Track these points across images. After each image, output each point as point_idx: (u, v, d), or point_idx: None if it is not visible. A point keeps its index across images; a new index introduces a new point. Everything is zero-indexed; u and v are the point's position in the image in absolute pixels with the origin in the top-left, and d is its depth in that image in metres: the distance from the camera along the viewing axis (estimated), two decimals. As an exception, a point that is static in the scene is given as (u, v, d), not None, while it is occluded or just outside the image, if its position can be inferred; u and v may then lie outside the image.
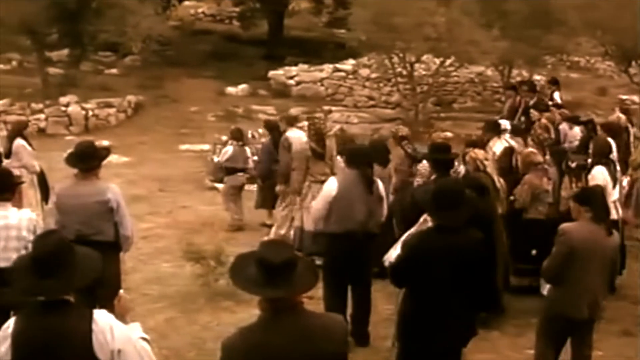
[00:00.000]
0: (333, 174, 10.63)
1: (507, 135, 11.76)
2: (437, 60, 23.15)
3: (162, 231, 12.99)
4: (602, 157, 10.52)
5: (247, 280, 4.13)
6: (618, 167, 10.86)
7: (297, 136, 12.17)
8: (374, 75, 25.07)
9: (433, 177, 9.26)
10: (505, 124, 12.61)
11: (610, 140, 11.64)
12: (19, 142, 12.48)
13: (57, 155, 17.40)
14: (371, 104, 24.81)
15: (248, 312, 9.10)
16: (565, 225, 6.95)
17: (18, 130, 12.98)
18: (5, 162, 12.23)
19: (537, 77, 23.35)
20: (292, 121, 12.81)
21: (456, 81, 25.24)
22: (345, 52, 25.70)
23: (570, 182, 9.88)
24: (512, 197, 10.01)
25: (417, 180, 10.55)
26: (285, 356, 4.02)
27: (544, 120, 13.67)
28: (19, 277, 4.29)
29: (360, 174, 8.44)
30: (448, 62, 22.83)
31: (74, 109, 22.76)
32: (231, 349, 4.10)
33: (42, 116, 22.40)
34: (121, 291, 4.63)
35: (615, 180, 10.51)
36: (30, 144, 12.73)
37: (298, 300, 4.12)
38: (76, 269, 4.23)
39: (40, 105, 22.56)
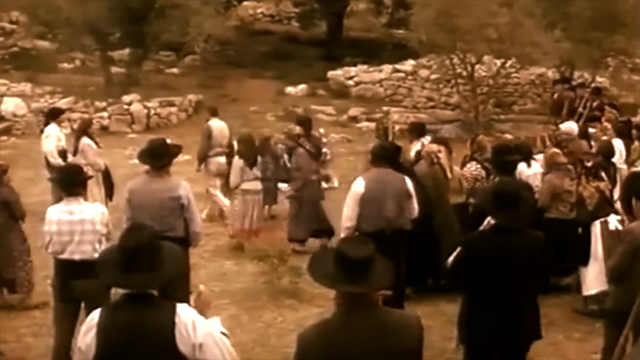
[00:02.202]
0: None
1: (427, 139, 11.78)
2: (498, 62, 22.98)
3: (223, 229, 13.10)
4: (604, 159, 10.53)
5: (326, 275, 4.18)
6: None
7: (218, 125, 13.38)
8: (433, 76, 24.97)
9: (496, 179, 9.32)
10: (572, 126, 12.57)
11: (618, 142, 11.79)
12: (85, 140, 12.75)
13: (119, 153, 17.76)
14: (430, 105, 24.71)
15: (310, 310, 9.27)
16: (629, 225, 6.99)
17: (83, 129, 13.25)
18: (72, 159, 12.54)
19: (599, 79, 23.12)
20: (215, 111, 14.27)
21: (516, 82, 24.98)
22: (405, 53, 25.57)
23: (587, 180, 9.85)
24: None
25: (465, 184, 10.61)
26: (363, 351, 4.05)
27: (605, 124, 13.63)
28: (107, 270, 4.35)
29: (390, 171, 8.44)
30: (509, 63, 22.66)
31: (136, 107, 23.07)
32: (308, 343, 4.15)
33: (105, 114, 22.74)
34: (201, 286, 4.69)
35: (614, 181, 10.76)
36: (96, 143, 12.98)
37: (374, 296, 4.16)
38: (163, 263, 4.29)
39: (104, 104, 22.91)
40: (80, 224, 7.30)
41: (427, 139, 11.92)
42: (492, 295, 6.01)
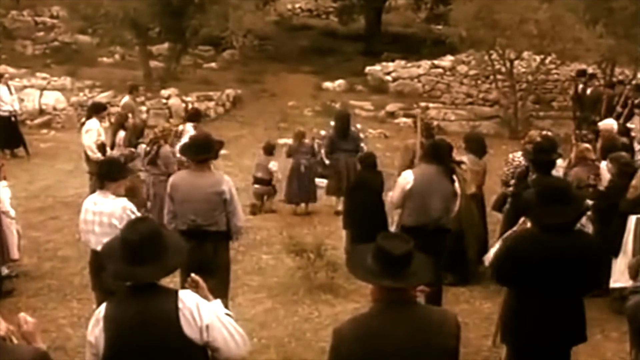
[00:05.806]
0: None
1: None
2: (538, 58, 22.76)
3: (260, 223, 13.12)
4: (608, 153, 10.44)
5: (365, 270, 4.16)
6: None
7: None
8: (472, 72, 24.75)
9: (534, 176, 9.25)
10: (612, 123, 12.44)
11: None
12: (122, 134, 12.82)
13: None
14: (469, 101, 24.49)
15: (346, 305, 9.28)
16: None
17: (120, 123, 13.32)
18: (109, 152, 12.64)
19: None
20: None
21: (556, 79, 24.67)
22: (444, 49, 25.41)
23: None
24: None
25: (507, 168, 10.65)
26: (399, 347, 4.03)
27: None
28: (110, 264, 4.40)
29: (441, 169, 8.36)
30: (549, 59, 22.44)
31: (174, 101, 23.17)
32: (344, 338, 4.14)
33: (144, 108, 22.84)
34: (192, 275, 4.70)
35: None
36: (133, 136, 13.05)
37: (412, 293, 4.14)
38: (165, 255, 4.32)
39: (142, 98, 23.01)
40: (99, 216, 7.45)
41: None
42: (538, 295, 5.89)
